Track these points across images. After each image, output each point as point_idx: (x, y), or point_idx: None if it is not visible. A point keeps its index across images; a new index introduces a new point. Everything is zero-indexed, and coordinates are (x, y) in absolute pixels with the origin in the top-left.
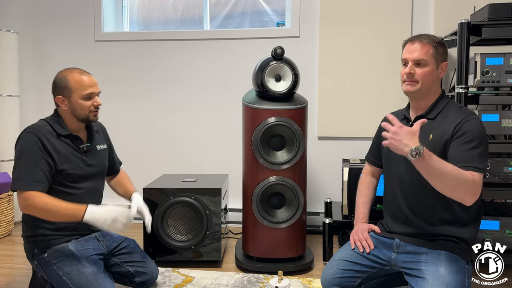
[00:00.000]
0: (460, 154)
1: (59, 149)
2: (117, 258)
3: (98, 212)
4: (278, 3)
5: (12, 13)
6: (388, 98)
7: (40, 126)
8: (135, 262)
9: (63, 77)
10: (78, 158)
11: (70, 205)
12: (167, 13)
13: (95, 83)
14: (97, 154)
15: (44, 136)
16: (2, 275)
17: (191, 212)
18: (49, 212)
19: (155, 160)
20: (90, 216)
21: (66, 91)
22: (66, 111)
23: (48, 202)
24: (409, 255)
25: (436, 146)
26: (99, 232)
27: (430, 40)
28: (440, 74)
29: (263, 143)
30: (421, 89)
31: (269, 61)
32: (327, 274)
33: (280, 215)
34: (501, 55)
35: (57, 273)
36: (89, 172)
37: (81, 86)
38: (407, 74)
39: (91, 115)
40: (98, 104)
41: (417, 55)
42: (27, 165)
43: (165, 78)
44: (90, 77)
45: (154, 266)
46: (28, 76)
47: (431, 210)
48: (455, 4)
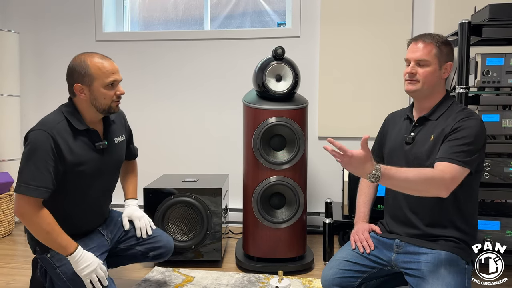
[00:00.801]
0: (446, 147)
1: (75, 149)
2: (124, 244)
3: (86, 258)
4: (278, 3)
5: (13, 13)
6: (388, 98)
7: (55, 121)
8: (143, 241)
9: (82, 62)
10: (93, 156)
11: (66, 238)
12: (167, 13)
13: (117, 70)
14: (114, 148)
15: (59, 135)
16: (2, 275)
17: (191, 212)
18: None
19: (155, 159)
20: (78, 255)
21: (86, 78)
22: (85, 101)
23: (50, 222)
24: (409, 255)
25: (436, 146)
26: (102, 226)
27: (433, 40)
28: (443, 74)
29: (263, 143)
30: (422, 89)
31: (269, 61)
32: (328, 274)
33: (280, 215)
34: (502, 55)
35: (60, 277)
36: (104, 169)
37: (103, 73)
38: (408, 73)
39: (113, 105)
40: (121, 93)
41: (419, 55)
42: (32, 167)
43: (165, 78)
44: (111, 63)
45: (166, 237)
46: (29, 76)
47: (431, 210)
48: (456, 4)
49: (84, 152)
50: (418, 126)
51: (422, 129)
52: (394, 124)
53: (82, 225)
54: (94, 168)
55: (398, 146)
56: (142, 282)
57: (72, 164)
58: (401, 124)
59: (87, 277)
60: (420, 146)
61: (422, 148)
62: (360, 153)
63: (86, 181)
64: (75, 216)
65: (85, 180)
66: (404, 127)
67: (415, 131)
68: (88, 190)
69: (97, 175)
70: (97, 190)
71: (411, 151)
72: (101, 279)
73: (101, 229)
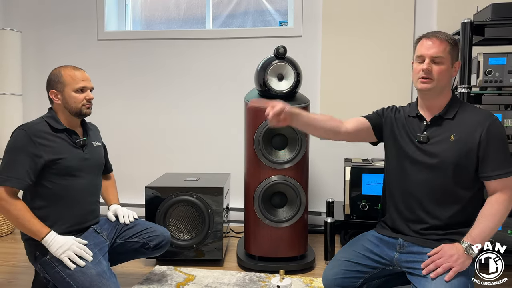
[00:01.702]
0: (497, 161)
1: (53, 143)
2: (121, 238)
3: (59, 240)
4: (280, 2)
5: (15, 12)
6: (390, 98)
7: (34, 123)
8: (140, 232)
9: (57, 72)
10: (74, 151)
11: (37, 223)
12: (169, 12)
13: (87, 78)
14: (93, 149)
15: (36, 132)
16: (4, 273)
17: (193, 211)
18: (16, 219)
19: (157, 158)
20: (50, 239)
21: (59, 85)
22: (60, 105)
23: (20, 208)
24: (413, 255)
25: (460, 148)
26: (96, 225)
27: (447, 37)
28: (453, 73)
29: (265, 142)
30: (436, 87)
31: (271, 61)
32: (329, 274)
33: (282, 214)
34: (504, 55)
35: (60, 275)
36: (86, 166)
37: (73, 79)
38: (424, 70)
39: (84, 108)
40: (90, 98)
41: (435, 51)
42: (9, 161)
43: (167, 77)
44: (83, 73)
45: (162, 228)
46: (31, 75)
47: (442, 211)
48: (458, 4)
49: (64, 148)
50: (431, 125)
51: (437, 128)
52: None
53: (73, 221)
54: (75, 162)
55: (409, 145)
56: (144, 281)
57: (52, 159)
58: (407, 122)
59: (64, 257)
60: (439, 145)
61: (442, 147)
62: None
63: (71, 175)
64: (65, 211)
65: (69, 173)
66: (412, 125)
67: (428, 130)
68: (73, 184)
69: (79, 169)
70: (82, 185)
71: (426, 149)
72: (81, 254)
73: (95, 227)
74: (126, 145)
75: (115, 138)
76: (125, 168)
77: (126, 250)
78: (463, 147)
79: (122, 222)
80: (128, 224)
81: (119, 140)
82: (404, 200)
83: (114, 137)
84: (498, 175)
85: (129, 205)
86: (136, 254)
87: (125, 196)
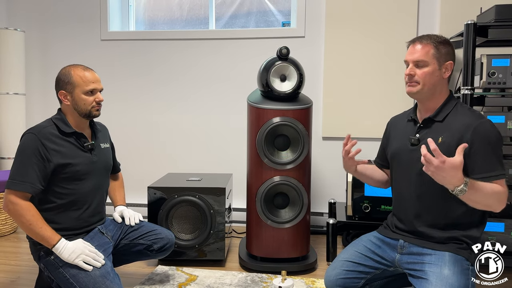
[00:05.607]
0: (481, 163)
1: (62, 148)
2: (126, 239)
3: (69, 246)
4: (283, 3)
5: (18, 12)
6: (393, 99)
7: (43, 126)
8: (145, 234)
9: (66, 72)
10: (82, 155)
11: (48, 229)
12: (172, 12)
13: (98, 80)
14: (101, 151)
15: (46, 137)
16: (7, 272)
17: (195, 211)
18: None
19: (160, 158)
20: (61, 246)
21: (69, 86)
22: (69, 107)
23: (33, 214)
24: (413, 256)
25: (447, 150)
26: (101, 225)
27: (431, 40)
28: (444, 74)
29: (267, 143)
30: (423, 90)
31: (274, 61)
32: (331, 275)
33: (284, 215)
34: (508, 56)
35: (64, 276)
36: (94, 169)
37: (84, 81)
38: (407, 75)
39: (93, 110)
40: (100, 100)
41: (416, 56)
42: (20, 165)
43: (170, 77)
44: (93, 73)
45: (167, 231)
46: (35, 75)
47: (439, 213)
48: (462, 5)
49: (73, 152)
50: (423, 127)
51: (427, 130)
52: (397, 126)
53: (79, 223)
54: (84, 167)
55: (402, 147)
56: (146, 281)
57: (61, 164)
58: (405, 126)
59: (79, 261)
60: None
61: (429, 149)
62: (455, 159)
63: (79, 179)
64: (71, 214)
65: (78, 177)
66: (409, 128)
67: (420, 132)
68: (81, 187)
69: (88, 173)
70: (89, 187)
71: (417, 152)
72: (93, 258)
73: (100, 228)
74: (129, 145)
75: (118, 138)
76: (128, 168)
77: (131, 251)
78: (450, 150)
79: (128, 224)
80: (134, 226)
81: (122, 140)
82: (400, 201)
83: (117, 137)
84: (482, 179)
85: (131, 205)
86: (140, 256)
87: (127, 196)
